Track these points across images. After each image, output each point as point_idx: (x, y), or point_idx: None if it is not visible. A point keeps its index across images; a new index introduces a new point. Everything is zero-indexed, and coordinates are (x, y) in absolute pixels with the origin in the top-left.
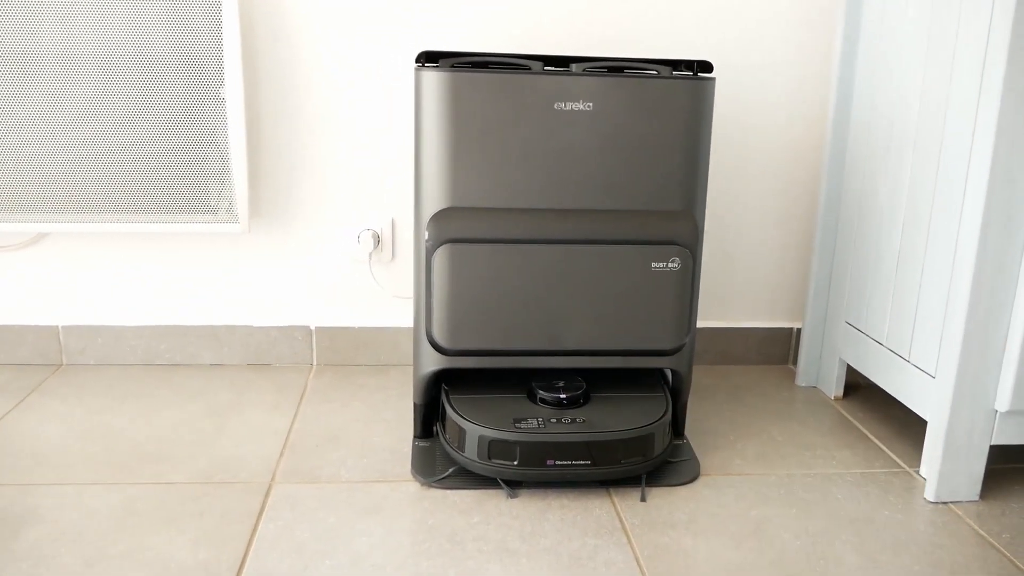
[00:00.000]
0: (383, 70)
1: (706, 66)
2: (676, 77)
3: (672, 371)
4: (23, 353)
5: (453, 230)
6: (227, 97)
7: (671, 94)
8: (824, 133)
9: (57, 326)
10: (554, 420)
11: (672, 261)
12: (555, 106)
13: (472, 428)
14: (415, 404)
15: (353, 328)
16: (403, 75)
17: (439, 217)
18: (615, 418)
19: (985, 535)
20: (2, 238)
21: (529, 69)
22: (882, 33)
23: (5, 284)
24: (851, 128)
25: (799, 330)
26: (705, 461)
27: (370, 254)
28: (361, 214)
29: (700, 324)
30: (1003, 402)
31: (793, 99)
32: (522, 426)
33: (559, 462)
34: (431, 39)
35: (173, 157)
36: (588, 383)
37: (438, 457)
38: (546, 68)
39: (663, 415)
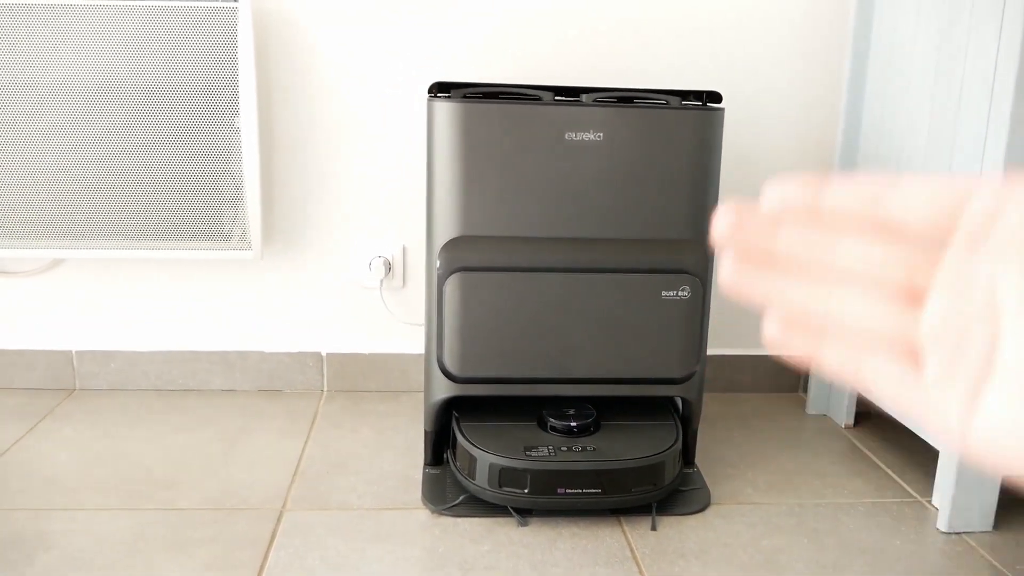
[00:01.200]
0: (396, 99)
1: (715, 96)
2: (686, 107)
3: (682, 399)
4: (37, 377)
5: (465, 258)
6: (241, 126)
7: (681, 124)
8: (833, 162)
9: (71, 351)
10: (564, 448)
11: (682, 289)
12: (566, 136)
13: (483, 455)
14: (425, 431)
15: (364, 354)
16: (415, 105)
17: (451, 245)
18: (625, 446)
19: (999, 566)
20: (18, 264)
21: (540, 99)
22: (890, 65)
23: (21, 309)
24: (859, 158)
25: None
26: (716, 490)
27: (381, 281)
28: (372, 241)
29: (710, 352)
30: None
31: (802, 128)
32: (533, 454)
33: (570, 490)
34: (444, 68)
35: (187, 185)
36: (598, 411)
37: (448, 484)
38: (557, 99)
39: (674, 443)
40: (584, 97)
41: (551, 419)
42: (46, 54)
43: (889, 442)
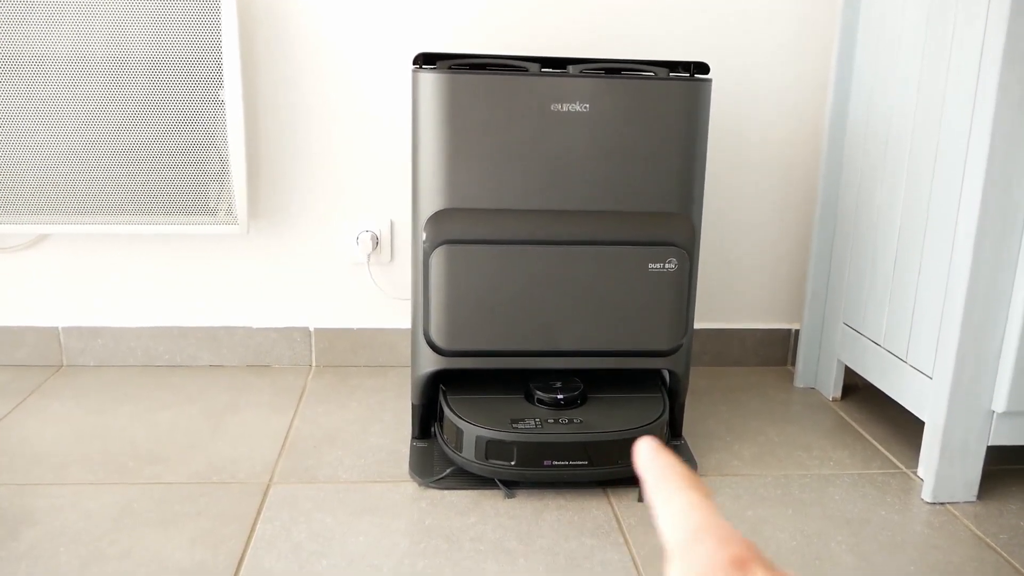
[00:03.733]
0: (382, 72)
1: (703, 67)
2: (673, 78)
3: (669, 372)
4: (23, 354)
5: (450, 231)
6: (226, 100)
7: (668, 95)
8: (821, 135)
9: (57, 327)
10: (551, 420)
11: (669, 262)
12: (552, 107)
13: (470, 428)
14: (413, 405)
15: (352, 329)
16: (402, 77)
17: (437, 218)
18: (612, 419)
19: (982, 536)
20: (3, 239)
21: (526, 71)
22: (880, 37)
23: (6, 285)
24: (848, 130)
25: (797, 331)
26: (703, 462)
27: (368, 255)
28: (360, 216)
29: (698, 325)
30: (1000, 403)
31: (791, 99)
32: (519, 426)
33: (556, 462)
34: (430, 41)
35: (173, 159)
36: (585, 384)
37: (436, 458)
38: (543, 70)
39: (660, 416)
40: (570, 68)
41: (538, 392)
42: (29, 27)
43: (875, 415)
